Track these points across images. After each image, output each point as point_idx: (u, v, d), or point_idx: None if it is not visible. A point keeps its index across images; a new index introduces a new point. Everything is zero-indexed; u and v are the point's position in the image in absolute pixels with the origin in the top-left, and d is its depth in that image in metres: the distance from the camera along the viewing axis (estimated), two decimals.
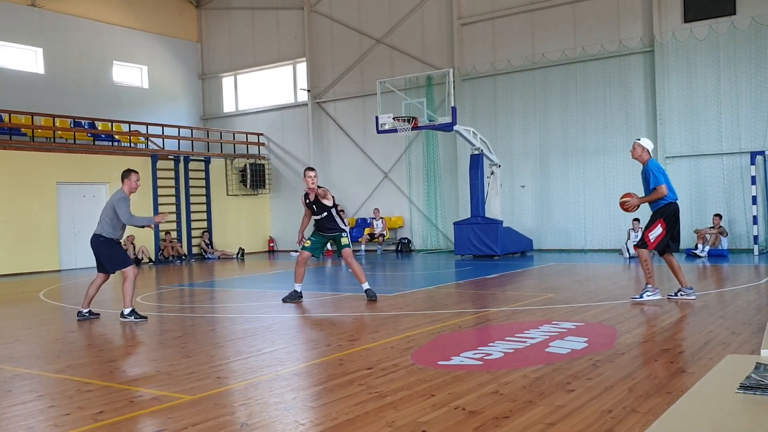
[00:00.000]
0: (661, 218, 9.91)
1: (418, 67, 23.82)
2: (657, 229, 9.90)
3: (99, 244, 10.29)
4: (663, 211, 9.93)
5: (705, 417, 2.35)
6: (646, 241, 9.96)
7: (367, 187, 25.73)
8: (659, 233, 9.89)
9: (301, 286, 11.84)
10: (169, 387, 6.09)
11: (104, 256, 10.32)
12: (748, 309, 9.15)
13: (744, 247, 18.75)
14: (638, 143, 10.23)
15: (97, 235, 10.28)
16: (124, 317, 10.06)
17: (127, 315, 10.08)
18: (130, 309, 10.13)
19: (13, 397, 5.98)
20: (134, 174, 10.48)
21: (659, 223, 9.90)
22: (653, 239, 9.92)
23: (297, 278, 11.79)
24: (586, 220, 21.08)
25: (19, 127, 21.89)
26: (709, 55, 19.25)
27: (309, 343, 8.16)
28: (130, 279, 10.13)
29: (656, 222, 9.92)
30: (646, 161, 10.12)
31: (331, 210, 11.74)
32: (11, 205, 20.36)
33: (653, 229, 9.92)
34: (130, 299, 10.14)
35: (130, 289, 10.11)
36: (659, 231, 9.89)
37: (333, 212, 11.78)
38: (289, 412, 5.24)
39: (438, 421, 4.79)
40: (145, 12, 27.90)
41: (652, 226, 9.95)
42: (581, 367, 6.17)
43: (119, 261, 10.35)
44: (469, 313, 9.84)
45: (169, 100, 28.76)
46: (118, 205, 10.15)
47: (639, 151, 10.18)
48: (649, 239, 9.93)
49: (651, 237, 9.92)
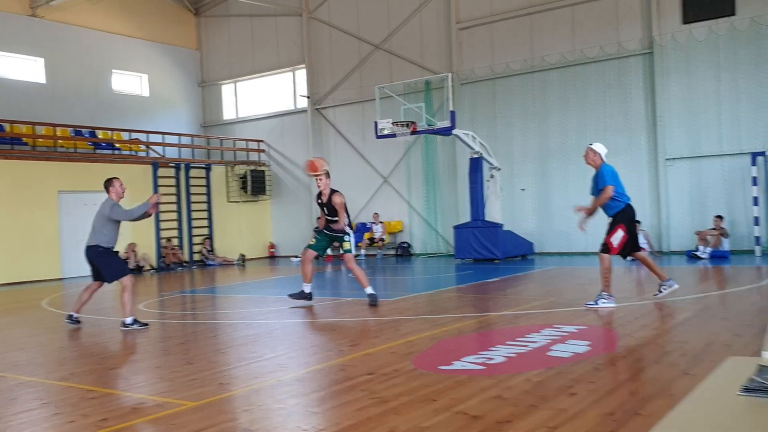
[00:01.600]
0: (621, 223, 9.94)
1: (416, 72, 23.85)
2: (618, 233, 9.92)
3: (97, 255, 10.30)
4: (622, 216, 9.97)
5: (707, 420, 2.36)
6: (609, 246, 9.96)
7: (367, 192, 25.74)
8: (621, 237, 9.91)
9: (311, 287, 11.76)
10: (172, 394, 6.10)
11: (103, 266, 10.33)
12: (750, 310, 9.15)
13: (745, 248, 18.73)
14: (591, 148, 10.25)
15: (94, 246, 10.29)
16: (126, 326, 10.05)
17: (129, 324, 10.07)
18: (132, 318, 10.14)
19: (17, 405, 5.99)
20: (116, 180, 10.66)
21: (620, 228, 9.93)
22: (616, 244, 9.93)
23: (305, 278, 11.72)
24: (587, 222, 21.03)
25: (20, 137, 21.92)
26: (709, 56, 19.26)
27: (310, 349, 8.16)
28: (128, 289, 10.16)
29: (617, 227, 9.95)
30: (599, 165, 10.14)
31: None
32: (13, 214, 20.38)
33: (614, 233, 9.93)
34: (130, 308, 10.15)
35: (129, 299, 10.15)
36: (621, 235, 9.91)
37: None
38: (292, 417, 5.25)
39: (440, 426, 4.80)
40: (145, 20, 27.95)
41: (612, 231, 9.96)
42: (583, 371, 6.17)
43: (118, 271, 10.37)
44: (470, 317, 9.84)
45: (169, 107, 28.80)
46: (113, 211, 10.26)
47: (592, 155, 10.20)
48: (612, 244, 9.94)
49: (614, 242, 9.93)
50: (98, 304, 12.63)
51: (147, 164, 24.01)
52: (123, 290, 10.17)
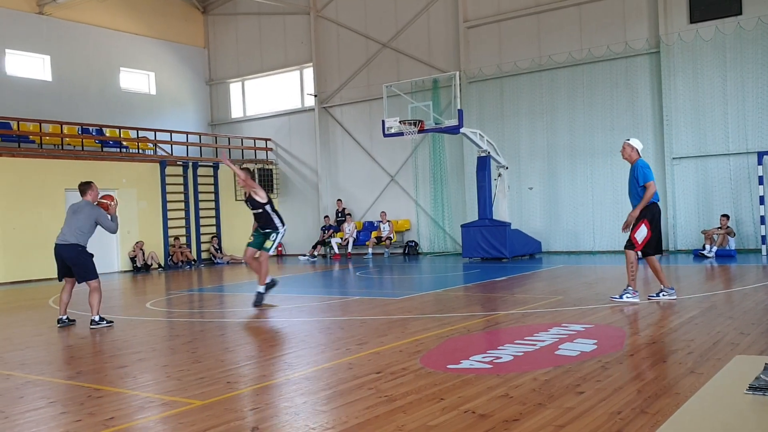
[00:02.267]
0: (644, 219, 9.96)
1: (424, 71, 23.84)
2: (642, 229, 9.95)
3: (77, 254, 10.49)
4: (647, 212, 9.99)
5: (714, 419, 2.36)
6: (633, 242, 10.00)
7: (374, 191, 25.76)
8: (645, 234, 9.95)
9: (270, 278, 11.97)
10: (179, 392, 6.12)
11: (78, 265, 10.52)
12: (756, 309, 9.13)
13: (752, 247, 18.70)
14: (628, 143, 10.34)
15: (74, 245, 10.48)
16: (96, 324, 10.32)
17: (98, 322, 10.36)
18: (99, 316, 10.42)
19: (24, 404, 6.01)
20: (94, 184, 10.96)
21: (643, 224, 9.96)
22: (641, 240, 9.97)
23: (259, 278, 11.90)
24: (595, 221, 21.06)
25: (27, 135, 21.98)
26: (716, 56, 19.22)
27: (318, 347, 8.17)
28: (97, 290, 10.46)
29: (640, 223, 9.97)
30: (635, 161, 10.20)
31: (265, 207, 11.87)
32: (20, 212, 20.45)
33: (638, 229, 9.97)
34: (98, 308, 10.45)
35: (98, 299, 10.45)
36: (645, 232, 9.95)
37: (268, 209, 11.93)
38: (300, 416, 5.25)
39: (448, 425, 4.81)
40: (152, 18, 28.00)
41: (636, 227, 9.99)
42: (590, 369, 6.17)
43: (90, 272, 10.55)
44: (477, 316, 9.84)
45: (176, 106, 28.85)
46: (103, 219, 10.54)
47: (629, 150, 10.28)
48: (636, 240, 9.98)
49: (638, 238, 9.97)
50: (105, 303, 12.66)
51: (154, 162, 24.07)
52: (92, 291, 10.46)
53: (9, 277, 20.09)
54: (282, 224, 12.14)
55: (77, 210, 10.61)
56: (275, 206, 12.26)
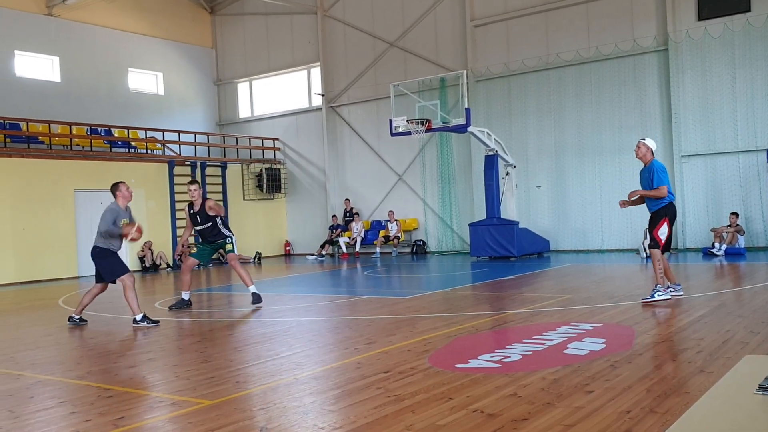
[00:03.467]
0: (665, 217, 10.01)
1: (431, 70, 23.82)
2: (664, 227, 9.99)
3: (95, 255, 10.56)
4: (666, 211, 10.05)
5: (724, 419, 2.36)
6: (657, 240, 10.00)
7: (382, 190, 25.76)
8: (667, 232, 10.01)
9: (189, 294, 12.16)
10: (188, 392, 6.14)
11: (101, 266, 10.56)
12: (766, 308, 9.09)
13: (761, 245, 18.64)
14: (643, 143, 10.30)
15: (94, 247, 10.56)
16: (136, 323, 10.23)
17: (139, 321, 10.25)
18: (141, 315, 10.31)
19: (35, 404, 6.04)
20: (122, 184, 10.79)
21: (664, 222, 10.00)
22: (663, 238, 10.00)
23: (183, 286, 12.12)
24: (603, 220, 21.01)
25: (36, 135, 22.05)
26: (724, 53, 19.16)
27: (326, 347, 8.18)
28: (128, 287, 10.37)
29: (661, 221, 10.01)
30: (649, 161, 10.18)
31: (216, 219, 12.04)
32: (30, 213, 20.51)
33: (660, 227, 10.00)
34: (136, 306, 10.35)
35: (132, 297, 10.35)
36: (666, 229, 10.00)
37: (218, 221, 12.10)
38: (308, 415, 5.26)
39: (456, 424, 4.81)
40: (160, 19, 28.05)
41: (658, 226, 10.02)
42: (599, 368, 6.16)
43: (115, 271, 10.53)
44: (486, 315, 9.84)
45: (184, 106, 28.91)
46: (104, 214, 10.48)
47: (644, 150, 10.23)
48: (660, 238, 9.99)
49: (661, 236, 10.00)
50: (113, 303, 12.71)
51: (163, 163, 24.11)
52: (125, 289, 10.39)
53: (19, 277, 20.15)
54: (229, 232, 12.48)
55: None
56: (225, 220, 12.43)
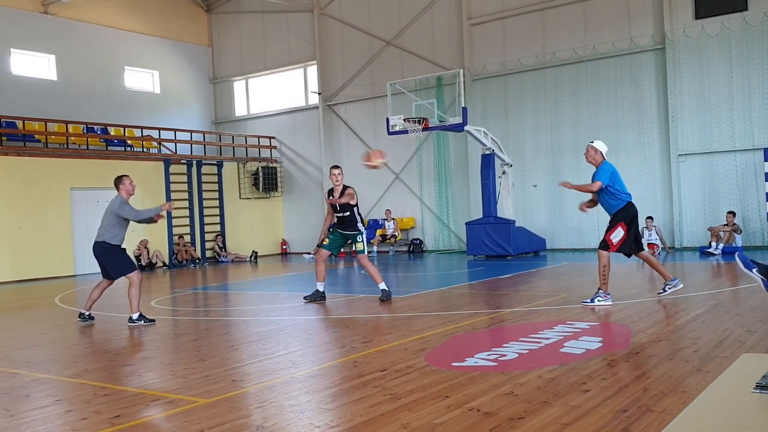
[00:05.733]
0: (621, 221, 9.89)
1: (428, 68, 23.81)
2: (618, 231, 9.86)
3: (104, 251, 10.42)
4: (622, 214, 9.93)
5: (721, 417, 2.35)
6: (608, 243, 9.90)
7: (379, 189, 25.74)
8: (621, 236, 9.86)
9: (323, 285, 12.01)
10: (184, 390, 6.13)
11: (109, 263, 10.46)
12: (763, 307, 9.10)
13: (758, 244, 18.66)
14: (591, 146, 10.25)
15: (101, 242, 10.41)
16: (132, 322, 10.19)
17: (135, 320, 10.21)
18: (138, 314, 10.26)
19: (31, 402, 6.03)
20: (126, 178, 10.71)
21: (619, 226, 9.88)
22: (615, 242, 9.87)
23: (318, 277, 11.96)
24: (599, 218, 20.89)
25: (32, 134, 22.01)
26: (721, 52, 19.17)
27: (323, 345, 8.17)
28: (135, 284, 10.30)
29: (616, 225, 9.90)
30: (599, 163, 10.15)
31: (354, 209, 11.76)
32: (26, 211, 20.48)
33: (614, 231, 9.89)
34: (137, 304, 10.28)
35: (136, 294, 10.28)
36: (621, 233, 9.85)
37: (355, 211, 11.80)
38: (305, 414, 5.25)
39: (453, 423, 4.80)
40: (156, 17, 28.01)
41: (612, 229, 9.92)
42: (596, 367, 6.17)
43: (123, 267, 10.47)
44: (482, 313, 9.84)
45: (180, 104, 28.87)
46: (122, 209, 10.35)
47: (592, 153, 10.20)
48: (612, 241, 9.87)
49: (613, 240, 9.87)
50: (111, 301, 12.70)
51: (159, 161, 24.09)
52: (130, 285, 10.32)
53: (15, 275, 20.13)
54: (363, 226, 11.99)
55: (107, 206, 10.58)
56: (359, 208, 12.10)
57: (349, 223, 11.81)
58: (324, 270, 11.99)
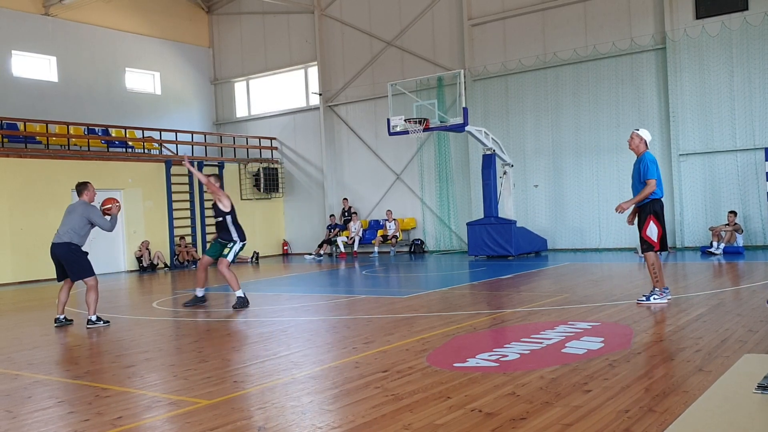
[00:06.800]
0: (650, 215, 9.69)
1: (428, 69, 23.81)
2: (652, 227, 9.65)
3: (69, 252, 10.53)
4: (651, 208, 9.72)
5: (723, 417, 2.35)
6: (650, 242, 9.67)
7: (380, 189, 25.74)
8: (657, 231, 9.65)
9: (203, 291, 12.29)
10: (186, 392, 6.13)
11: (71, 265, 10.58)
12: (764, 306, 9.09)
13: (759, 243, 18.64)
14: (636, 133, 9.95)
15: (68, 243, 10.53)
16: (92, 324, 10.41)
17: (94, 321, 10.43)
18: (96, 316, 10.49)
19: (33, 404, 6.03)
20: (90, 184, 11.01)
21: (650, 220, 9.66)
22: (655, 238, 9.66)
23: (198, 283, 12.23)
24: (601, 218, 21.02)
25: (33, 135, 22.02)
26: (722, 52, 19.16)
27: (324, 346, 8.17)
28: (93, 288, 10.54)
29: (647, 220, 9.68)
30: (642, 153, 9.86)
31: (227, 217, 11.90)
32: (27, 213, 20.50)
33: (647, 227, 9.67)
34: (95, 307, 10.50)
35: (94, 298, 10.50)
36: (655, 229, 9.64)
37: (228, 220, 11.95)
38: (306, 415, 5.25)
39: (454, 423, 4.80)
40: (157, 18, 28.02)
41: (645, 225, 9.69)
42: (598, 368, 6.16)
43: (85, 270, 10.63)
44: (484, 314, 9.83)
45: (181, 105, 28.88)
46: (95, 215, 10.62)
47: (637, 141, 9.90)
48: (651, 239, 9.66)
49: (651, 236, 9.65)
50: (112, 303, 12.70)
51: (160, 162, 24.10)
52: (88, 290, 10.54)
53: (17, 277, 20.15)
54: (240, 238, 12.08)
55: (72, 210, 10.74)
56: (237, 218, 12.18)
57: (221, 229, 12.01)
58: (204, 277, 12.25)
